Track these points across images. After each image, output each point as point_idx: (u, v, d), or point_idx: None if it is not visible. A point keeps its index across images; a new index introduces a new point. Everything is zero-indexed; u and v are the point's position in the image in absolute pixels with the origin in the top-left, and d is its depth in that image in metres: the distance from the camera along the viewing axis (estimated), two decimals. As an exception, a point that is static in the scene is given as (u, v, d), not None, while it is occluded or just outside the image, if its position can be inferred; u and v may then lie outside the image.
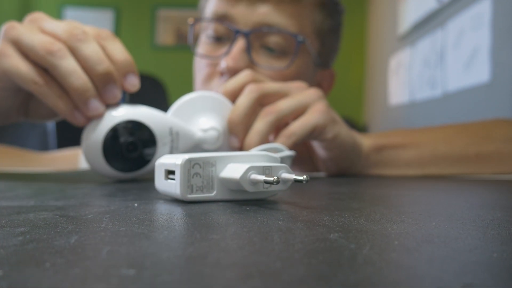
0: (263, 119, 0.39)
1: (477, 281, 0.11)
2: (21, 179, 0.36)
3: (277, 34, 0.54)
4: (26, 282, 0.10)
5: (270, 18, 0.53)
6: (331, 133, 0.41)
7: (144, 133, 0.34)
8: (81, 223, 0.17)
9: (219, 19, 0.55)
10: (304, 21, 0.56)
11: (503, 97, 0.83)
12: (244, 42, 0.52)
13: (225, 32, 0.55)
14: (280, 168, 0.23)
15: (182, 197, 0.23)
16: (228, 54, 0.52)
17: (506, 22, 0.82)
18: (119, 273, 0.11)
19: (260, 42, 0.54)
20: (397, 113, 1.55)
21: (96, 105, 0.33)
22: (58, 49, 0.33)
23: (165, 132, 0.35)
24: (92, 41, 0.34)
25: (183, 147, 0.36)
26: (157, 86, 1.47)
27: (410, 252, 0.14)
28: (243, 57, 0.52)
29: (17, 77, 0.33)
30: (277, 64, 0.54)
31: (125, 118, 0.34)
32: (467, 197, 0.30)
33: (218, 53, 0.55)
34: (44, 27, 0.35)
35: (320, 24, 0.58)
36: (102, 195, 0.26)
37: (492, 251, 0.14)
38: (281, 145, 0.36)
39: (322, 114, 0.40)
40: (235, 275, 0.11)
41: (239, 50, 0.52)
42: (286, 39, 0.54)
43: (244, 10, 0.54)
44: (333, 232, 0.16)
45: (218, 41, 0.56)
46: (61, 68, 0.32)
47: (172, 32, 2.51)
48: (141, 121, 0.34)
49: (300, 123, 0.40)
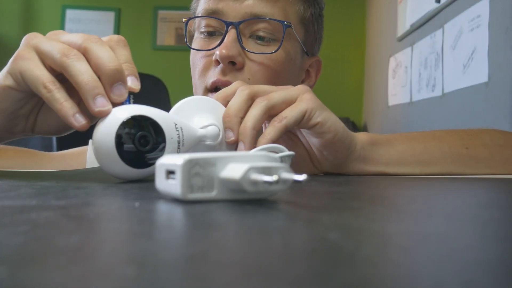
0: (256, 106, 0.41)
1: (475, 279, 0.11)
2: (24, 179, 0.36)
3: (265, 21, 0.59)
4: (28, 281, 0.10)
5: (257, 9, 0.59)
6: (320, 117, 0.43)
7: (153, 128, 0.35)
8: (82, 223, 0.17)
9: (210, 15, 0.60)
10: (288, 10, 0.61)
11: (501, 97, 0.83)
12: (234, 32, 0.57)
13: (216, 26, 0.60)
14: (280, 168, 0.23)
15: (183, 197, 0.23)
16: (220, 45, 0.57)
17: (503, 23, 0.82)
18: (120, 272, 0.11)
19: (249, 31, 0.59)
20: (397, 113, 1.55)
21: (103, 101, 0.34)
22: (73, 54, 0.35)
23: (171, 127, 0.35)
24: (104, 44, 0.36)
25: (188, 142, 0.37)
26: (159, 86, 1.47)
27: (408, 251, 0.14)
28: (235, 45, 0.57)
29: (30, 78, 0.35)
30: (267, 50, 0.59)
31: (134, 113, 0.34)
32: (465, 196, 0.30)
33: (212, 46, 0.59)
34: (62, 38, 0.37)
35: (303, 13, 0.63)
36: (104, 195, 0.26)
37: (490, 250, 0.14)
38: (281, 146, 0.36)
39: (311, 100, 0.43)
40: (235, 275, 0.11)
41: (231, 39, 0.57)
42: (274, 26, 0.59)
43: (232, 3, 0.59)
44: (333, 231, 0.16)
45: (210, 36, 0.61)
46: (74, 68, 0.34)
47: (172, 33, 2.51)
48: (149, 116, 0.34)
49: (291, 108, 0.42)
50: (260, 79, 0.58)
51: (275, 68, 0.59)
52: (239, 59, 0.57)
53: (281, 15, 0.60)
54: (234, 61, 0.57)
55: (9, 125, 0.39)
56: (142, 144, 0.34)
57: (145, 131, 0.34)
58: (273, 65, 0.59)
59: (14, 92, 0.37)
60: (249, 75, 0.58)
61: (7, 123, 0.39)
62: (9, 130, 0.40)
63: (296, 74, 0.66)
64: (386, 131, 1.73)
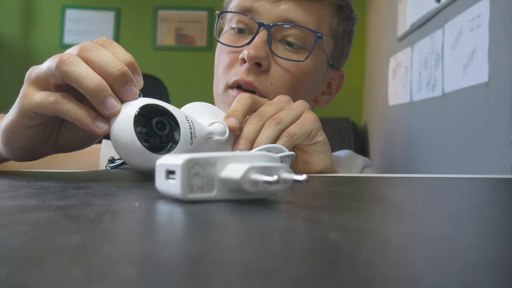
0: (270, 128, 0.44)
1: (475, 279, 0.11)
2: (24, 179, 0.36)
3: (297, 28, 0.58)
4: (28, 281, 0.10)
5: (292, 14, 0.58)
6: (321, 136, 0.48)
7: (168, 116, 0.35)
8: (82, 223, 0.17)
9: (244, 12, 0.59)
10: (322, 21, 0.61)
11: (502, 97, 0.83)
12: (265, 34, 0.57)
13: (248, 24, 0.60)
14: (280, 168, 0.23)
15: (183, 197, 0.23)
16: (250, 44, 0.57)
17: (504, 23, 0.83)
18: (120, 272, 0.11)
19: (280, 35, 0.59)
20: (397, 113, 1.55)
21: (113, 103, 0.34)
22: (70, 59, 0.34)
23: (183, 117, 0.36)
24: (100, 48, 0.36)
25: (199, 135, 0.38)
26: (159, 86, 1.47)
27: (408, 251, 0.14)
28: (264, 47, 0.57)
29: (36, 106, 0.35)
30: (295, 57, 0.59)
31: (148, 102, 0.35)
32: (465, 196, 0.30)
33: (240, 43, 0.59)
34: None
35: (336, 26, 0.63)
36: (104, 195, 0.26)
37: (490, 250, 0.14)
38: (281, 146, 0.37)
39: (315, 121, 0.47)
40: (235, 274, 0.11)
41: (261, 41, 0.56)
42: (305, 35, 0.59)
43: (268, 5, 0.58)
44: (333, 231, 0.16)
45: (240, 33, 0.61)
46: (75, 73, 0.34)
47: (172, 33, 2.51)
48: (163, 105, 0.35)
49: (299, 126, 0.45)
50: (283, 86, 0.59)
51: (299, 77, 0.60)
52: (265, 62, 0.57)
53: (315, 25, 0.60)
54: (261, 63, 0.57)
55: (31, 154, 0.40)
56: (159, 129, 0.35)
57: (160, 117, 0.35)
58: (298, 73, 0.59)
59: (31, 129, 0.37)
60: (273, 80, 0.58)
61: (29, 154, 0.40)
62: (31, 156, 0.41)
63: (318, 85, 0.66)
64: (386, 131, 1.73)
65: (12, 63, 2.35)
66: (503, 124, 0.82)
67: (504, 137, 0.81)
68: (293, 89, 0.59)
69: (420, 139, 1.30)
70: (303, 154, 0.49)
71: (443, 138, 1.12)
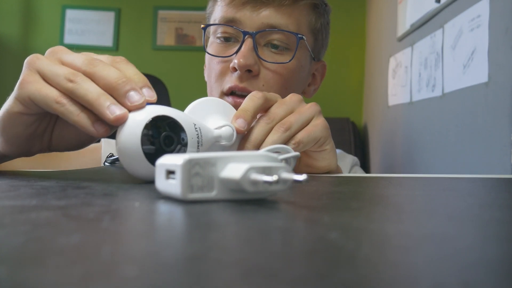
0: (278, 133, 0.43)
1: (475, 279, 0.11)
2: (24, 179, 0.36)
3: (279, 33, 0.63)
4: (28, 281, 0.10)
5: (273, 20, 0.63)
6: (329, 145, 0.48)
7: (176, 128, 0.35)
8: (82, 223, 0.17)
9: (227, 23, 0.64)
10: (301, 21, 0.66)
11: (501, 97, 0.83)
12: (251, 41, 0.61)
13: (233, 33, 0.64)
14: (280, 168, 0.23)
15: (183, 197, 0.23)
16: (238, 53, 0.61)
17: (503, 23, 0.83)
18: (120, 272, 0.11)
19: (264, 40, 0.63)
20: (397, 113, 1.55)
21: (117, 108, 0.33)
22: (79, 78, 0.34)
23: (191, 127, 0.36)
24: (108, 65, 0.36)
25: (206, 142, 0.37)
26: (159, 86, 1.47)
27: (408, 251, 0.14)
28: (252, 55, 0.61)
29: (40, 98, 0.35)
30: (281, 59, 0.64)
31: (157, 114, 0.34)
32: (466, 196, 0.30)
33: (229, 52, 0.64)
34: (64, 58, 0.37)
35: (314, 23, 0.68)
36: (104, 195, 0.26)
37: (490, 250, 0.14)
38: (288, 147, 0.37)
39: (324, 128, 0.47)
40: (235, 274, 0.11)
41: (248, 49, 0.61)
42: (287, 37, 0.63)
43: (249, 13, 0.63)
44: (333, 231, 0.16)
45: (227, 41, 0.65)
46: (81, 90, 0.34)
47: (172, 33, 2.51)
48: (171, 116, 0.34)
49: (307, 134, 0.45)
50: (274, 85, 0.64)
51: (287, 76, 0.65)
52: (255, 67, 0.62)
53: (295, 26, 0.64)
54: (251, 69, 0.61)
55: (25, 147, 0.40)
56: (166, 144, 0.34)
57: (168, 131, 0.34)
58: (286, 73, 0.64)
59: (25, 116, 0.37)
60: (264, 82, 0.63)
61: (23, 145, 0.40)
62: (26, 151, 0.41)
63: (305, 79, 0.71)
64: (386, 131, 1.73)
65: (12, 63, 2.35)
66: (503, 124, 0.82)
67: (504, 137, 0.81)
68: (283, 87, 0.64)
69: (420, 139, 1.30)
70: (307, 158, 0.49)
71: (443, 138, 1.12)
